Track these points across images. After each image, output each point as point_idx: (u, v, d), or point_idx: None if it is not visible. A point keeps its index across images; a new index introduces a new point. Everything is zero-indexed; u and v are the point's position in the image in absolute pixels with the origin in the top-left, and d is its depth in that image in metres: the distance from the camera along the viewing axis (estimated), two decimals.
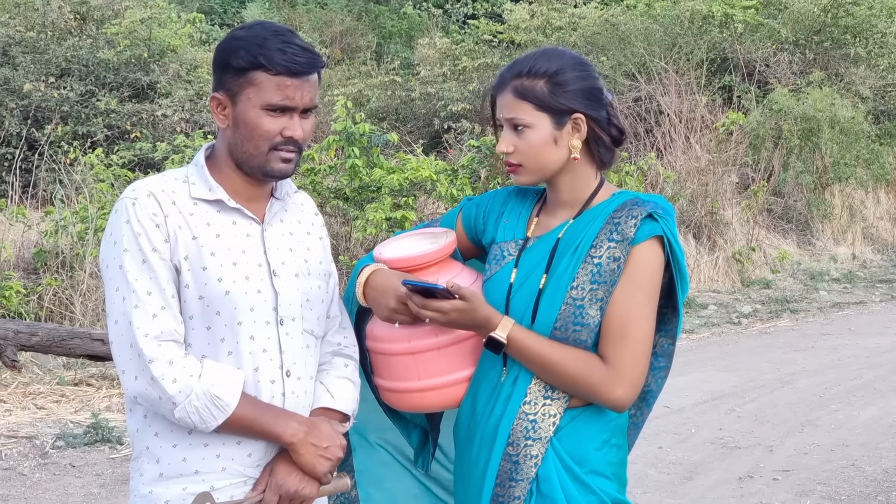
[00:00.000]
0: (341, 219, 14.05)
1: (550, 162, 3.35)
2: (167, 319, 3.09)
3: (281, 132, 3.18)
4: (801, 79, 20.12)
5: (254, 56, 3.14)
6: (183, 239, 3.15)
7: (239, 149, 3.22)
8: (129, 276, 3.09)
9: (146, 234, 3.11)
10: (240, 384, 3.13)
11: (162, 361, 3.05)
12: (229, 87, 3.19)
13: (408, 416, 3.72)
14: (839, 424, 9.40)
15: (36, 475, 7.91)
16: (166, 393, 3.04)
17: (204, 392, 3.06)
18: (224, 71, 3.19)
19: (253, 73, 3.15)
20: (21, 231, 12.73)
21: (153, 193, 3.17)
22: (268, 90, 3.15)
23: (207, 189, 3.23)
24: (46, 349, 10.04)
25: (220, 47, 3.23)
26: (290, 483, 3.19)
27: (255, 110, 3.16)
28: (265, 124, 3.17)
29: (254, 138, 3.18)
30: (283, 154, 3.21)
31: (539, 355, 3.25)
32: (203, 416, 3.08)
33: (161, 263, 3.11)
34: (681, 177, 17.60)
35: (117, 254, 3.13)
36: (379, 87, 22.35)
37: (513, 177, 3.42)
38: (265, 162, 3.21)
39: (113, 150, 17.40)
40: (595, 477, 3.33)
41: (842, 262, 18.63)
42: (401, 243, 3.60)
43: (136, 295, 3.08)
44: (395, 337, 3.42)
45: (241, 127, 3.19)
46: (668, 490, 7.73)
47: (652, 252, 3.28)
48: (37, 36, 20.62)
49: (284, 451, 3.23)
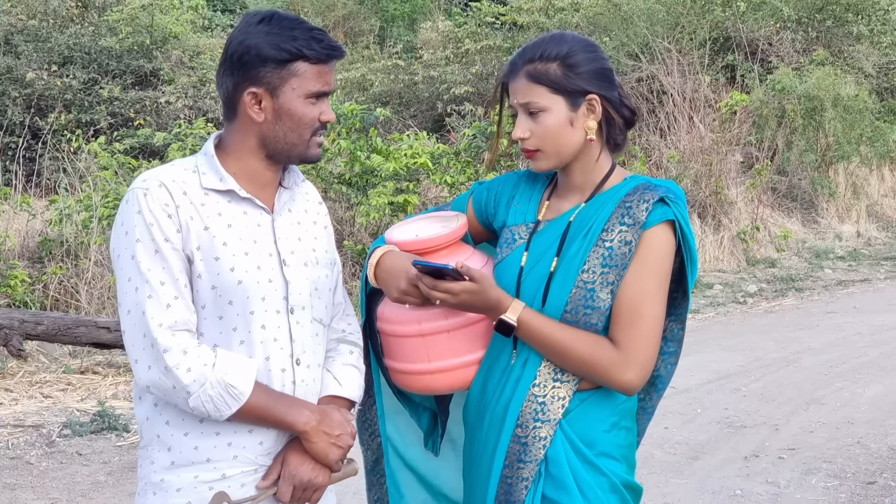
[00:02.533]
0: (345, 204, 14.04)
1: (568, 144, 3.36)
2: (181, 309, 3.10)
3: (318, 117, 3.24)
4: (803, 57, 20.08)
5: (295, 48, 3.17)
6: (195, 229, 3.16)
7: (281, 140, 3.24)
8: (142, 266, 3.10)
9: (158, 224, 3.12)
10: (253, 373, 3.14)
11: (176, 351, 3.06)
12: (268, 80, 3.19)
13: (417, 399, 3.73)
14: (844, 402, 9.40)
15: (43, 464, 7.93)
16: (181, 382, 3.05)
17: (218, 381, 3.08)
18: (261, 65, 3.19)
19: (294, 65, 3.18)
20: (26, 220, 12.74)
21: (164, 184, 3.17)
22: (310, 79, 3.20)
23: (218, 179, 3.24)
24: (52, 338, 10.06)
25: (245, 43, 3.21)
26: (303, 472, 3.21)
27: (300, 100, 3.21)
28: (310, 112, 3.23)
29: (299, 127, 3.23)
30: (319, 139, 3.29)
31: (549, 338, 3.26)
32: (217, 405, 3.09)
33: (174, 253, 3.12)
34: (685, 157, 17.59)
35: (129, 244, 3.14)
36: (382, 70, 22.32)
37: (531, 163, 3.43)
38: (306, 149, 3.27)
39: (116, 138, 17.38)
40: (604, 459, 3.34)
41: (846, 240, 18.63)
42: (412, 226, 3.60)
43: (150, 285, 3.09)
44: (406, 319, 3.43)
45: (286, 118, 3.22)
46: (674, 470, 7.75)
47: (663, 236, 3.29)
48: (39, 24, 20.62)
49: (295, 440, 3.24)
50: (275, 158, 3.29)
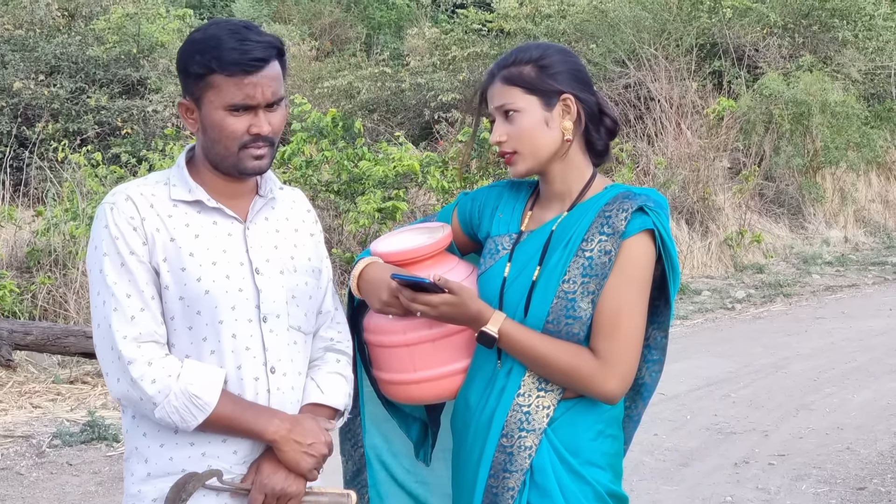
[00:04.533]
0: (333, 212, 14.05)
1: (544, 145, 3.38)
2: (146, 321, 3.12)
3: (248, 130, 3.18)
4: (790, 63, 20.11)
5: (207, 60, 3.14)
6: (161, 241, 3.17)
7: (211, 151, 3.24)
8: (108, 279, 3.12)
9: (123, 237, 3.14)
10: (219, 382, 3.14)
11: (141, 363, 3.07)
12: (192, 92, 3.20)
13: (407, 410, 3.74)
14: (834, 408, 9.42)
15: (33, 474, 7.92)
16: (146, 394, 3.07)
17: (182, 391, 3.08)
18: (185, 77, 3.21)
19: (210, 77, 3.15)
20: (13, 230, 12.72)
21: (131, 197, 3.20)
22: (227, 91, 3.15)
23: (187, 190, 3.25)
24: (41, 348, 10.05)
25: (179, 52, 3.24)
26: (275, 481, 3.20)
27: (218, 112, 3.17)
28: (230, 125, 3.17)
29: (222, 140, 3.19)
30: (254, 151, 3.22)
31: (530, 349, 3.27)
32: (183, 416, 3.10)
33: (139, 266, 3.14)
34: (672, 163, 17.60)
35: (98, 258, 3.16)
36: (369, 78, 22.29)
37: (509, 169, 3.44)
38: (237, 161, 3.22)
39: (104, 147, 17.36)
40: (590, 467, 3.34)
41: (834, 245, 18.63)
42: (397, 238, 3.62)
43: (115, 298, 3.11)
44: (391, 329, 3.44)
45: (209, 130, 3.20)
46: (664, 477, 7.76)
47: (643, 245, 3.30)
48: (25, 34, 20.61)
49: (270, 450, 3.24)
50: (218, 169, 3.28)
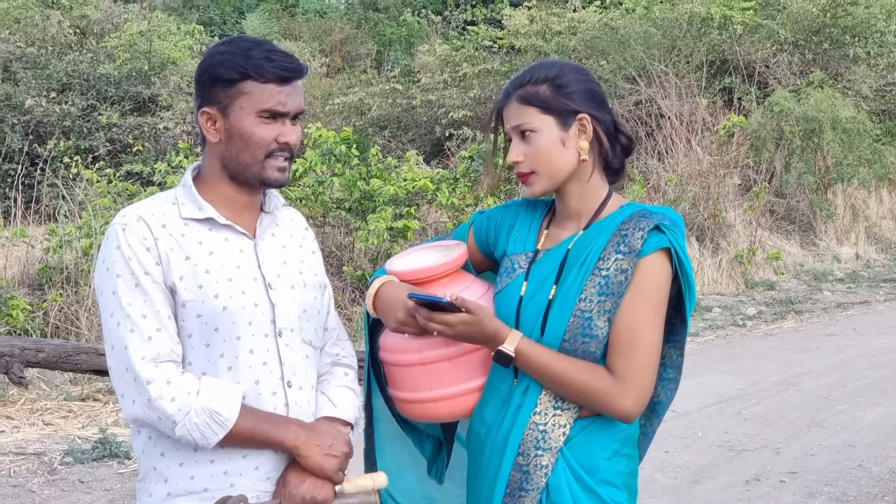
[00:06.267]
0: (344, 229, 14.05)
1: (561, 165, 3.38)
2: (163, 341, 3.12)
3: (276, 139, 3.22)
4: (801, 79, 20.09)
5: (242, 67, 3.18)
6: (175, 260, 3.17)
7: (235, 160, 3.25)
8: (123, 301, 3.12)
9: (137, 258, 3.14)
10: (238, 399, 3.14)
11: (160, 382, 3.07)
12: (219, 100, 3.22)
13: (421, 427, 3.74)
14: (845, 425, 9.41)
15: (45, 491, 7.92)
16: (165, 413, 3.07)
17: (203, 408, 3.08)
18: (212, 85, 3.22)
19: (243, 84, 3.19)
20: (25, 248, 12.74)
21: (142, 218, 3.20)
22: (259, 97, 3.19)
23: (197, 208, 3.26)
24: (53, 365, 10.05)
25: (203, 64, 3.26)
26: (304, 490, 3.20)
27: (249, 118, 3.20)
28: (260, 132, 3.21)
29: (249, 147, 3.22)
30: (278, 163, 3.25)
31: (547, 368, 3.27)
32: (204, 433, 3.10)
33: (154, 286, 3.14)
34: (682, 180, 17.59)
35: (110, 280, 3.16)
36: (380, 95, 22.34)
37: (525, 189, 3.45)
38: (261, 170, 3.24)
39: (115, 164, 17.39)
40: (605, 486, 3.34)
41: (845, 262, 18.60)
42: (412, 256, 3.62)
43: (131, 319, 3.10)
44: (407, 348, 3.44)
45: (236, 137, 3.22)
46: (675, 494, 7.75)
47: (659, 264, 3.29)
48: (37, 51, 20.67)
49: (294, 461, 3.24)
50: (237, 181, 3.29)
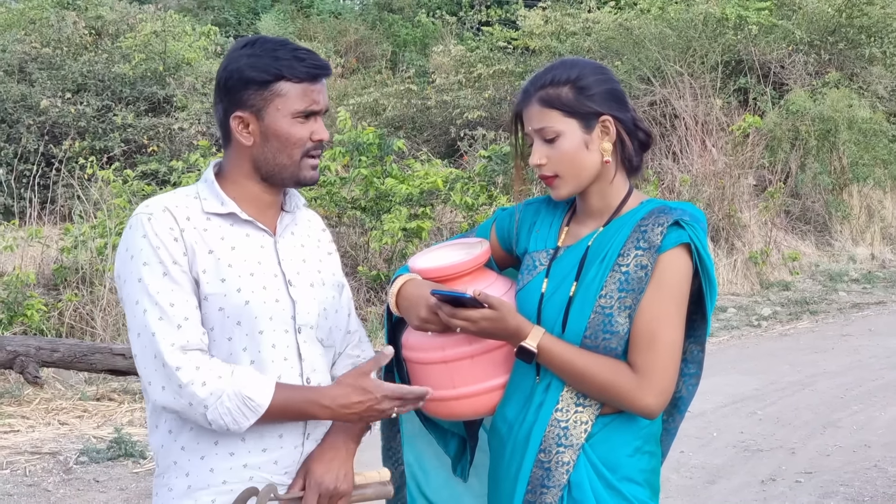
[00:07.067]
0: (359, 229, 14.04)
1: (585, 168, 3.37)
2: (192, 329, 3.12)
3: (310, 137, 3.24)
4: (816, 79, 20.05)
5: (274, 68, 3.19)
6: (200, 253, 3.18)
7: (271, 161, 3.25)
8: (151, 288, 3.11)
9: (165, 247, 3.14)
10: (272, 385, 3.15)
11: (189, 367, 3.07)
12: (252, 103, 3.22)
13: (445, 426, 3.74)
14: (861, 425, 9.38)
15: (60, 491, 7.93)
16: (196, 397, 3.07)
17: (236, 393, 3.09)
18: (243, 89, 3.22)
19: (276, 85, 3.19)
20: (41, 248, 12.76)
21: (168, 209, 3.20)
22: (294, 98, 3.21)
23: (220, 203, 3.27)
24: (68, 365, 10.05)
25: (229, 68, 3.25)
26: (328, 481, 3.24)
27: (285, 120, 3.21)
28: (297, 132, 3.23)
29: (287, 147, 3.23)
30: (313, 161, 3.29)
31: (569, 364, 3.27)
32: (235, 418, 3.11)
33: (182, 276, 3.14)
34: (697, 180, 17.56)
35: (135, 268, 3.15)
36: (394, 95, 22.35)
37: (550, 191, 3.44)
38: (298, 170, 3.27)
39: (130, 165, 17.40)
40: (627, 483, 3.33)
41: (861, 262, 18.55)
42: (435, 254, 3.62)
43: (160, 307, 3.10)
44: (429, 346, 3.43)
45: (273, 139, 3.23)
46: (690, 494, 7.73)
47: (679, 260, 3.29)
48: (52, 52, 20.68)
49: (317, 451, 3.29)
50: (270, 181, 3.30)
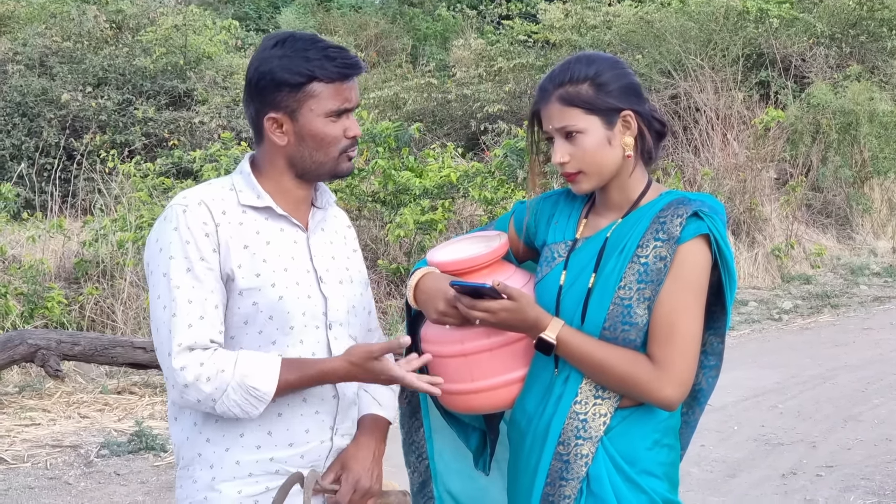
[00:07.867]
0: (379, 222, 14.05)
1: (608, 163, 3.37)
2: (204, 329, 3.13)
3: (345, 134, 3.25)
4: (837, 73, 19.97)
5: (307, 69, 3.19)
6: (235, 248, 3.18)
7: (308, 160, 3.27)
8: (172, 283, 3.12)
9: (195, 242, 3.14)
10: (275, 369, 3.15)
11: (193, 366, 3.09)
12: (286, 104, 3.22)
13: (466, 420, 3.73)
14: (882, 419, 9.35)
15: (81, 484, 7.96)
16: (203, 393, 3.09)
17: (239, 385, 3.11)
18: (276, 90, 3.22)
19: (309, 86, 3.20)
20: (62, 241, 12.79)
21: (204, 202, 3.20)
22: (327, 98, 3.22)
23: (256, 196, 3.27)
24: (89, 358, 10.08)
25: (259, 70, 3.25)
26: (365, 479, 3.30)
27: (319, 120, 3.22)
28: (332, 131, 3.24)
29: (324, 147, 3.25)
30: (350, 154, 3.31)
31: (588, 356, 3.26)
32: (244, 408, 3.13)
33: (207, 273, 3.14)
34: (718, 174, 17.52)
35: (163, 261, 3.16)
36: (415, 89, 22.31)
37: (572, 186, 3.44)
38: (336, 165, 3.29)
39: (151, 158, 17.43)
40: (646, 477, 3.33)
41: (882, 255, 18.46)
42: (454, 247, 3.61)
43: (176, 303, 3.11)
44: (448, 339, 3.42)
45: (309, 139, 3.24)
46: (711, 488, 7.72)
47: (698, 251, 3.28)
48: (73, 46, 20.73)
49: (352, 449, 3.36)
50: (305, 178, 3.32)
